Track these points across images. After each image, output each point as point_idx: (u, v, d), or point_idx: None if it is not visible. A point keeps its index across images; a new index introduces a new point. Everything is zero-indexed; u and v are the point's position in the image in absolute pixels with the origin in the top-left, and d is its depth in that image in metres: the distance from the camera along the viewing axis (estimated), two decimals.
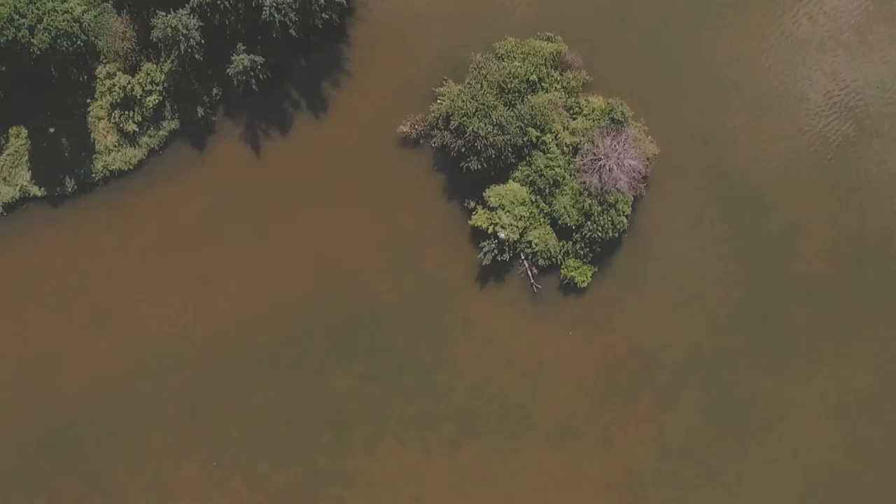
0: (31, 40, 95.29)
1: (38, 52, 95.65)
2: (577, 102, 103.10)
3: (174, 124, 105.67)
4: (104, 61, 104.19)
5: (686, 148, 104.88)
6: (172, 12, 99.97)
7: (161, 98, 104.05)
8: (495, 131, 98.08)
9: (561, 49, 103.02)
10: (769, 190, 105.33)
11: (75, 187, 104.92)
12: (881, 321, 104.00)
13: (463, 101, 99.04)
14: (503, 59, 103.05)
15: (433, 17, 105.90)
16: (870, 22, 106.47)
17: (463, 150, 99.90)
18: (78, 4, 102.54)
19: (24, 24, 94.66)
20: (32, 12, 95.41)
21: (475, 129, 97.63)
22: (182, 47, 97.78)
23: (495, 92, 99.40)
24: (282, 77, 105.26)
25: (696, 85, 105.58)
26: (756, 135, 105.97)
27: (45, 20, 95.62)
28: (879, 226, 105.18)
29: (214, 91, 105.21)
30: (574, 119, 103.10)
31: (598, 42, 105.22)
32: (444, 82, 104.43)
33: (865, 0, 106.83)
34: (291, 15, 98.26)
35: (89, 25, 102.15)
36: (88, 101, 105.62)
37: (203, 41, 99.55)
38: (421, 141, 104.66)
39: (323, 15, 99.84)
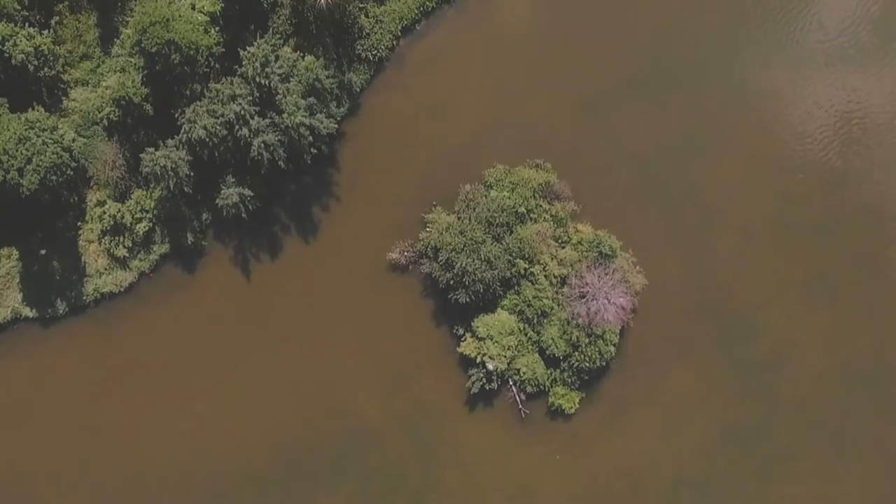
0: (21, 181, 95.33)
1: (28, 192, 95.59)
2: (566, 231, 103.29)
3: (165, 248, 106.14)
4: (94, 187, 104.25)
5: (674, 275, 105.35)
6: (162, 144, 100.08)
7: (151, 224, 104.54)
8: (484, 267, 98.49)
9: (550, 179, 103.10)
10: (757, 315, 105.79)
11: (66, 309, 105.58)
12: (868, 447, 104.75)
13: (451, 235, 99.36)
14: (492, 188, 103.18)
15: (422, 142, 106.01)
16: None
17: (451, 282, 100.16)
18: (68, 130, 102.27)
19: (12, 165, 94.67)
20: (22, 153, 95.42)
21: (463, 265, 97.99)
22: (171, 183, 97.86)
23: (484, 226, 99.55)
24: (271, 201, 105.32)
25: (683, 211, 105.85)
26: (744, 259, 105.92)
27: (34, 160, 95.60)
28: (869, 350, 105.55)
29: (204, 216, 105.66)
30: (563, 248, 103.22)
31: (587, 168, 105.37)
32: (432, 208, 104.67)
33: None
34: (280, 151, 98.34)
35: (80, 151, 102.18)
36: (79, 223, 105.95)
37: (192, 173, 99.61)
38: (410, 267, 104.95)
39: (312, 150, 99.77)
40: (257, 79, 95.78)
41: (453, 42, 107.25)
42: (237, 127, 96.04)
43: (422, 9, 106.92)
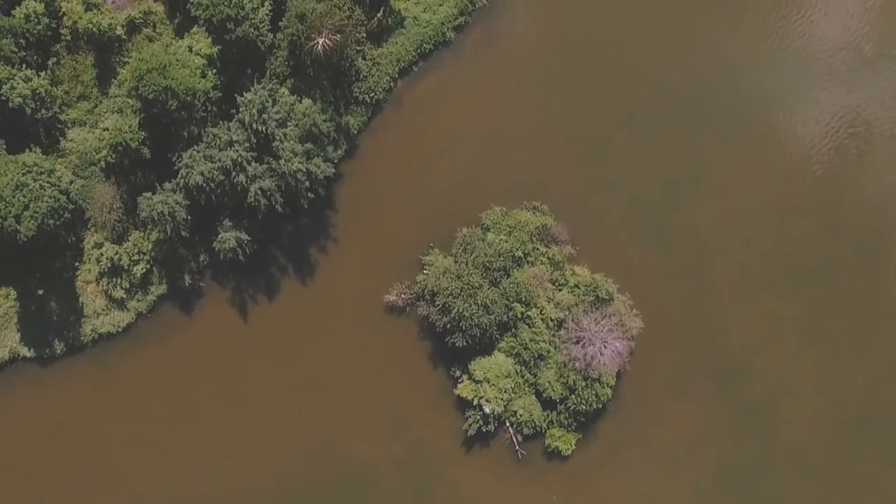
0: (18, 227, 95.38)
1: (25, 239, 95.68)
2: (563, 274, 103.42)
3: (162, 289, 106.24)
4: (92, 229, 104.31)
5: (671, 317, 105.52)
6: (159, 187, 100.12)
7: (149, 266, 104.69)
8: (480, 312, 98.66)
9: (547, 222, 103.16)
10: (753, 356, 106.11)
11: (64, 349, 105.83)
12: (863, 488, 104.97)
13: (448, 280, 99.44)
14: (489, 231, 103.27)
15: (419, 183, 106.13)
16: None
17: (448, 326, 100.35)
18: (66, 171, 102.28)
19: (10, 212, 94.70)
20: (19, 200, 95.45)
21: (460, 311, 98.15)
22: (168, 228, 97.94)
23: (481, 271, 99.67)
24: (269, 242, 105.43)
25: (681, 251, 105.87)
26: (740, 300, 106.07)
27: (31, 206, 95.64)
28: (865, 391, 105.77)
29: (202, 258, 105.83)
30: (559, 290, 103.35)
31: (584, 210, 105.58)
32: (430, 250, 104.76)
33: None
34: (277, 196, 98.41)
35: (77, 193, 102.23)
36: (77, 264, 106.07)
37: (189, 217, 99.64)
38: (407, 309, 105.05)
39: (309, 194, 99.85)
40: (254, 125, 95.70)
41: (451, 84, 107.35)
42: (234, 173, 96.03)
43: (419, 51, 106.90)
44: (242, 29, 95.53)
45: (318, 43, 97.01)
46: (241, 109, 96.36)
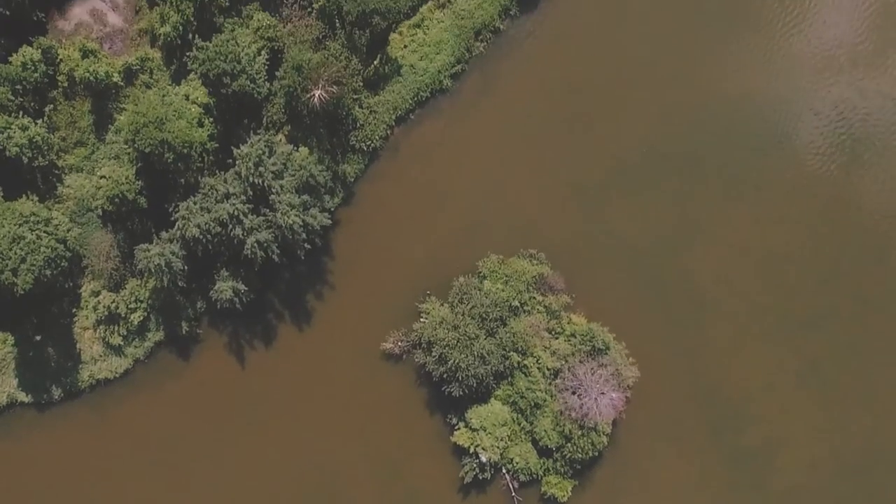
0: (15, 281, 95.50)
1: (23, 292, 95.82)
2: (560, 323, 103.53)
3: (159, 335, 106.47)
4: (89, 277, 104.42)
5: (667, 364, 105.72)
6: (156, 237, 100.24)
7: (146, 314, 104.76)
8: (477, 363, 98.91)
9: (543, 271, 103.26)
10: (749, 404, 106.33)
11: (62, 395, 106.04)
12: None
13: (445, 331, 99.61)
14: (486, 279, 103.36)
15: (416, 230, 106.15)
16: None
17: (445, 376, 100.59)
18: (63, 219, 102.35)
19: (6, 265, 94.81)
20: (16, 253, 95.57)
21: (457, 362, 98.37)
22: (165, 279, 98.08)
23: (477, 321, 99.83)
24: (266, 288, 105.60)
25: (677, 300, 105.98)
26: (736, 349, 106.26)
27: (28, 259, 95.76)
28: (860, 440, 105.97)
29: (199, 304, 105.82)
30: (556, 339, 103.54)
31: (581, 258, 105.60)
32: (427, 298, 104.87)
33: None
34: (274, 247, 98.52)
35: (75, 241, 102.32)
36: (74, 310, 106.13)
37: (186, 267, 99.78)
38: (404, 356, 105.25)
39: (306, 245, 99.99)
40: (251, 178, 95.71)
41: (448, 131, 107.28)
42: (231, 226, 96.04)
43: (416, 98, 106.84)
44: (239, 83, 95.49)
45: (314, 95, 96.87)
46: (237, 162, 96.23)
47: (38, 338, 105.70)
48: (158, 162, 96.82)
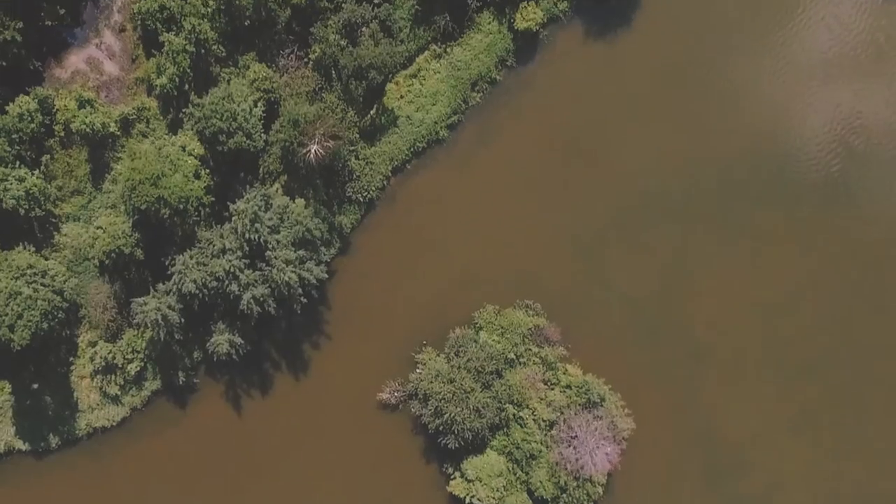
0: (12, 337, 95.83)
1: (19, 348, 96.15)
2: (555, 374, 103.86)
3: (156, 384, 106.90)
4: (86, 327, 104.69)
5: (662, 413, 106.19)
6: (152, 289, 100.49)
7: (143, 364, 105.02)
8: (473, 416, 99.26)
9: (540, 322, 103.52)
10: (745, 453, 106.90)
11: (59, 443, 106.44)
12: None
13: (441, 384, 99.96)
14: (482, 330, 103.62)
15: (412, 280, 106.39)
16: None
17: (441, 428, 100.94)
18: (60, 268, 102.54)
19: (3, 322, 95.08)
20: (12, 310, 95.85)
21: (452, 415, 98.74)
22: (162, 333, 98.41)
23: (473, 375, 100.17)
24: (263, 337, 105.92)
25: (673, 350, 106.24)
26: (731, 397, 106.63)
27: (25, 315, 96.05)
28: (854, 487, 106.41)
29: (195, 354, 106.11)
30: (551, 390, 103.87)
31: (577, 308, 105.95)
32: (423, 348, 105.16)
33: None
34: (270, 301, 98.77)
35: (72, 291, 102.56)
36: (71, 358, 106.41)
37: (183, 320, 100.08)
38: (400, 406, 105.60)
39: (302, 299, 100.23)
40: (247, 235, 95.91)
41: (444, 181, 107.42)
42: (227, 282, 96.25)
43: (412, 149, 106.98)
44: (235, 140, 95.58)
45: (310, 151, 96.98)
46: (233, 218, 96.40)
47: (35, 386, 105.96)
48: (155, 217, 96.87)
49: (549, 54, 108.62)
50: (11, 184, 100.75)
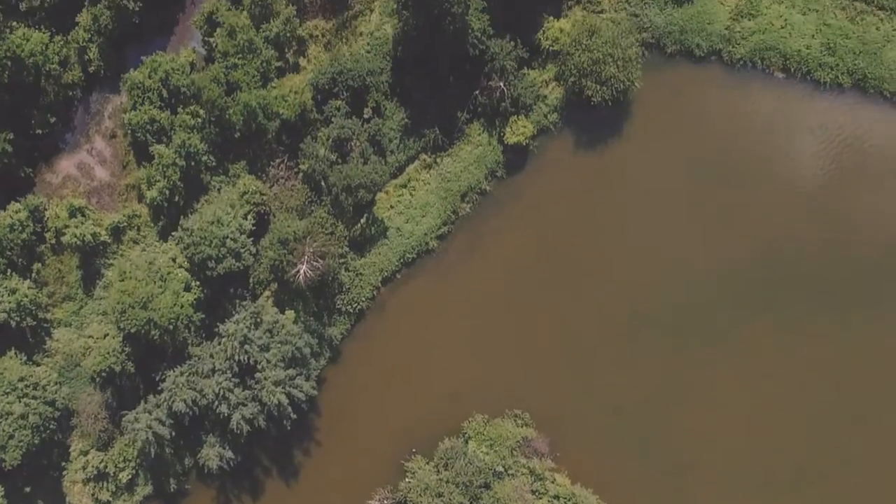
0: (3, 457, 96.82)
1: (10, 468, 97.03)
2: (543, 484, 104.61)
3: (148, 489, 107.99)
4: (78, 435, 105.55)
5: None
6: (143, 400, 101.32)
7: (134, 472, 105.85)
8: None
9: (528, 434, 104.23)
10: None
11: None
12: None
13: (429, 498, 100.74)
14: (471, 440, 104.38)
15: (402, 388, 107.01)
16: None
17: None
18: (52, 375, 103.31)
19: None
20: (4, 430, 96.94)
21: None
22: (152, 450, 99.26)
23: (461, 489, 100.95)
24: (253, 444, 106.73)
25: (661, 462, 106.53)
26: None
27: (16, 436, 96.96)
28: None
29: (187, 461, 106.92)
30: (539, 499, 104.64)
31: (565, 418, 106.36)
32: (412, 456, 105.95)
33: None
34: (260, 419, 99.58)
35: (64, 400, 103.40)
36: (63, 463, 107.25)
37: (173, 433, 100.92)
38: None
39: (292, 415, 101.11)
40: (236, 356, 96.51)
41: (434, 291, 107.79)
42: (217, 402, 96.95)
43: (402, 260, 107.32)
44: (224, 265, 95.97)
45: (299, 272, 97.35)
46: (223, 340, 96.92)
47: (27, 489, 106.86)
48: (145, 338, 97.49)
49: (538, 164, 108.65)
50: (3, 296, 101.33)
